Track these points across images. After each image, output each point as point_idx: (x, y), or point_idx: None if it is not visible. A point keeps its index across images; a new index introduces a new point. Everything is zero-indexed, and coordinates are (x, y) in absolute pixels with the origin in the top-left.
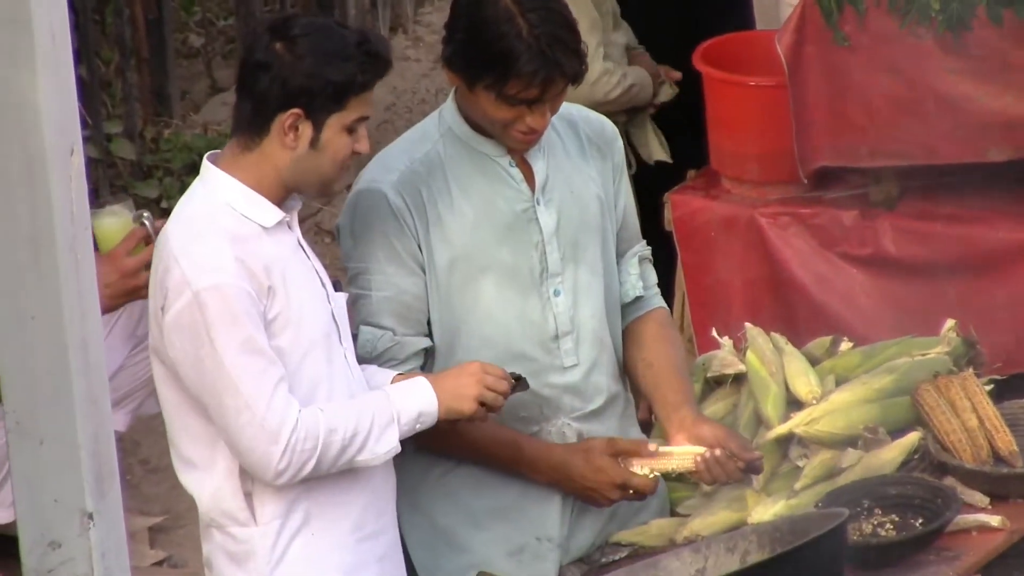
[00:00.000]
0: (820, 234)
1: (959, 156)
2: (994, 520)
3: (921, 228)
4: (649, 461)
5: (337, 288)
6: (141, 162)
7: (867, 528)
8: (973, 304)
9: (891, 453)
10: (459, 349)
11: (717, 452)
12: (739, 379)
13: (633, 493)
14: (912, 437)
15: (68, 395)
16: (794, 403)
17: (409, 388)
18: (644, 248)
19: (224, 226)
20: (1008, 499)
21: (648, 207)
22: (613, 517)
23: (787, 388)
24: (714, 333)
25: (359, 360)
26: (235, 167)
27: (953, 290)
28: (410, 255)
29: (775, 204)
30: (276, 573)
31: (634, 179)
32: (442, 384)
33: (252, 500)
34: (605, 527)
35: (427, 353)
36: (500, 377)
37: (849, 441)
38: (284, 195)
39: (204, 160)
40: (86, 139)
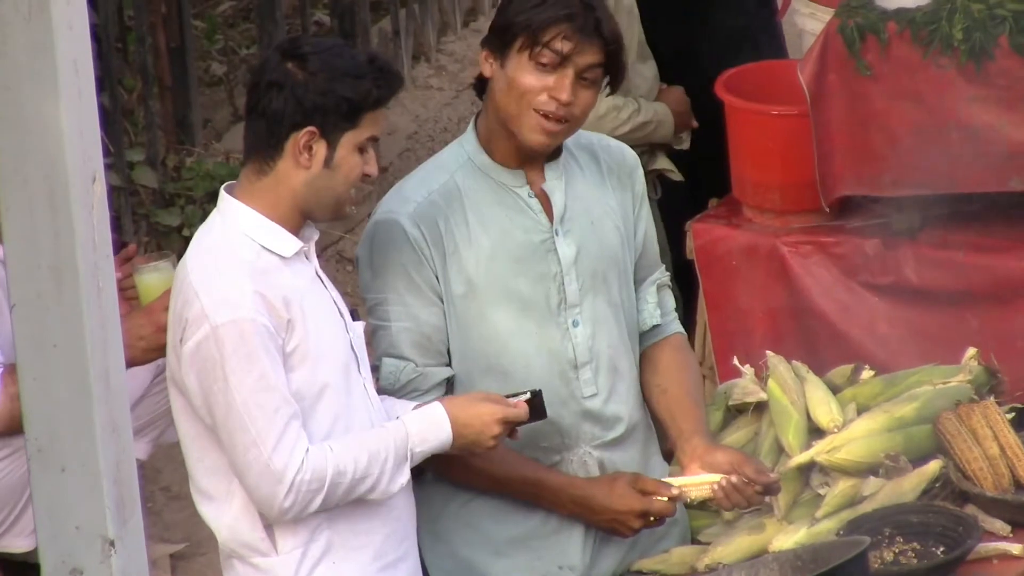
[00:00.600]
0: (842, 263)
1: (981, 185)
2: (1015, 548)
3: (943, 257)
4: (694, 483)
5: (355, 317)
6: (163, 190)
7: (888, 556)
8: (994, 332)
9: (912, 481)
10: (478, 379)
11: (733, 479)
12: (760, 407)
13: (654, 520)
14: (933, 465)
15: (90, 422)
16: (815, 431)
17: (429, 431)
18: (663, 274)
19: (244, 259)
20: None
21: (673, 234)
22: (635, 545)
23: (808, 416)
24: (735, 361)
25: (381, 392)
26: (251, 195)
27: (974, 318)
28: (428, 286)
29: (797, 233)
30: None
31: (659, 204)
32: (461, 429)
33: (273, 530)
34: (627, 555)
35: (448, 382)
36: (515, 420)
37: (870, 469)
38: (300, 222)
39: (221, 190)
40: (108, 167)
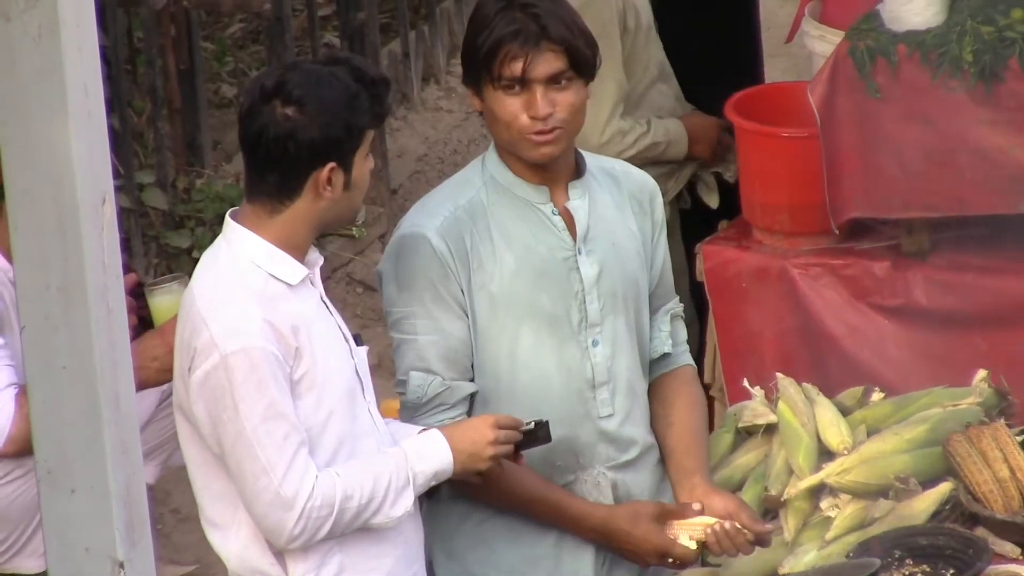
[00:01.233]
0: (852, 285)
1: (991, 208)
2: None
3: (953, 279)
4: (688, 524)
5: (358, 342)
6: (173, 212)
7: None
8: (1004, 355)
9: (923, 503)
10: (498, 395)
11: (727, 524)
12: (770, 429)
13: (673, 561)
14: (943, 487)
15: (100, 444)
16: (825, 453)
17: (426, 448)
18: (677, 305)
19: (252, 287)
20: None
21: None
22: (646, 567)
23: (818, 438)
24: (745, 383)
25: (409, 405)
26: (260, 226)
27: (984, 341)
28: (454, 299)
29: (807, 255)
30: None
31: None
32: (458, 444)
33: (283, 556)
34: None
35: (471, 398)
36: (512, 427)
37: (880, 491)
38: (309, 245)
39: (227, 217)
40: (118, 189)
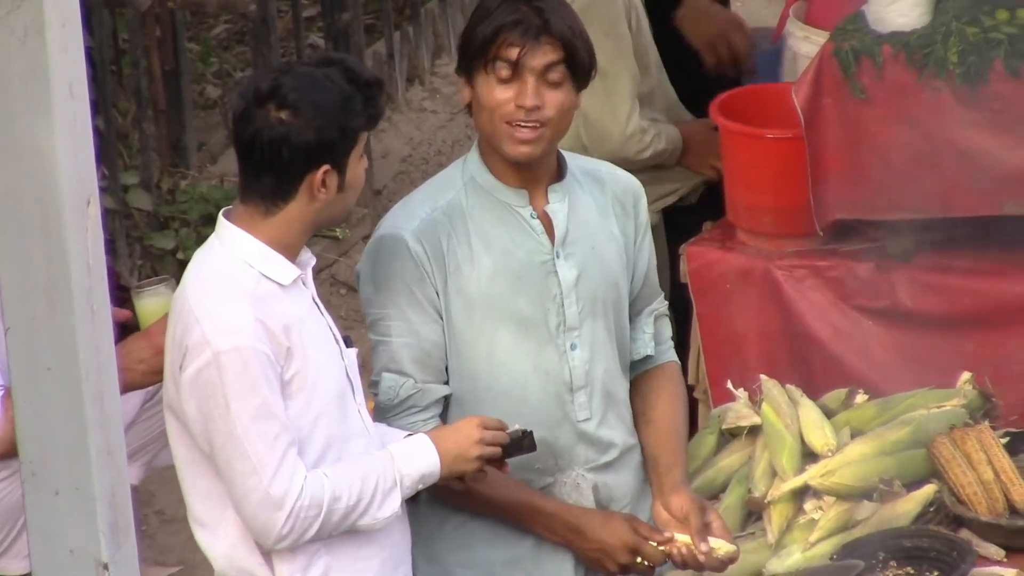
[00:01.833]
0: (836, 286)
1: (976, 209)
2: (1009, 573)
3: (937, 281)
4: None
5: (348, 344)
6: (158, 213)
7: None
8: (989, 357)
9: (906, 505)
10: (475, 398)
11: (684, 550)
12: (754, 431)
13: (641, 561)
14: (928, 489)
15: (84, 446)
16: (809, 455)
17: (413, 450)
18: (661, 304)
19: (245, 286)
20: None
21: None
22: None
23: (802, 440)
24: (729, 385)
25: (381, 407)
26: (254, 226)
27: (969, 343)
28: (430, 302)
29: (791, 256)
30: None
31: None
32: (444, 444)
33: (271, 556)
34: None
35: (445, 400)
36: (498, 429)
37: (864, 493)
38: (302, 245)
39: (220, 216)
40: (102, 190)
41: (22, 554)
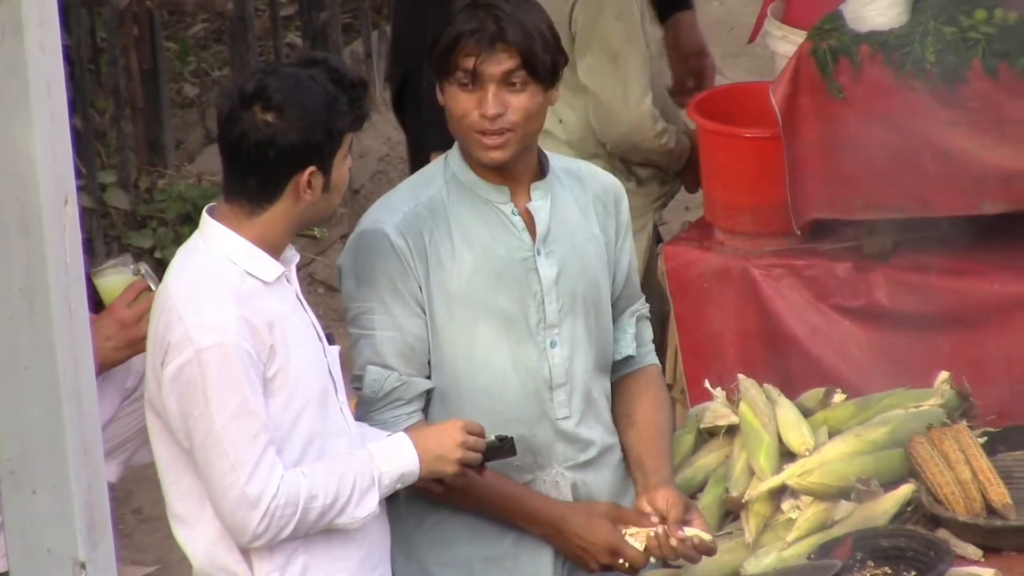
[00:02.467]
0: (814, 286)
1: (954, 209)
2: (987, 573)
3: (915, 280)
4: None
5: (331, 341)
6: (135, 212)
7: None
8: (967, 356)
9: (884, 505)
10: (456, 394)
11: (660, 531)
12: (732, 431)
13: (622, 562)
14: (905, 489)
15: (61, 445)
16: (787, 455)
17: (392, 449)
18: (643, 305)
19: (229, 283)
20: (1001, 551)
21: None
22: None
23: (780, 440)
24: (707, 384)
25: (365, 400)
26: (238, 224)
27: (947, 342)
28: (412, 296)
29: (769, 256)
30: None
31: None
32: (424, 445)
33: (249, 554)
34: None
35: (427, 395)
36: (480, 435)
37: (842, 493)
38: (287, 244)
39: (203, 213)
40: (80, 189)
41: (0, 552)
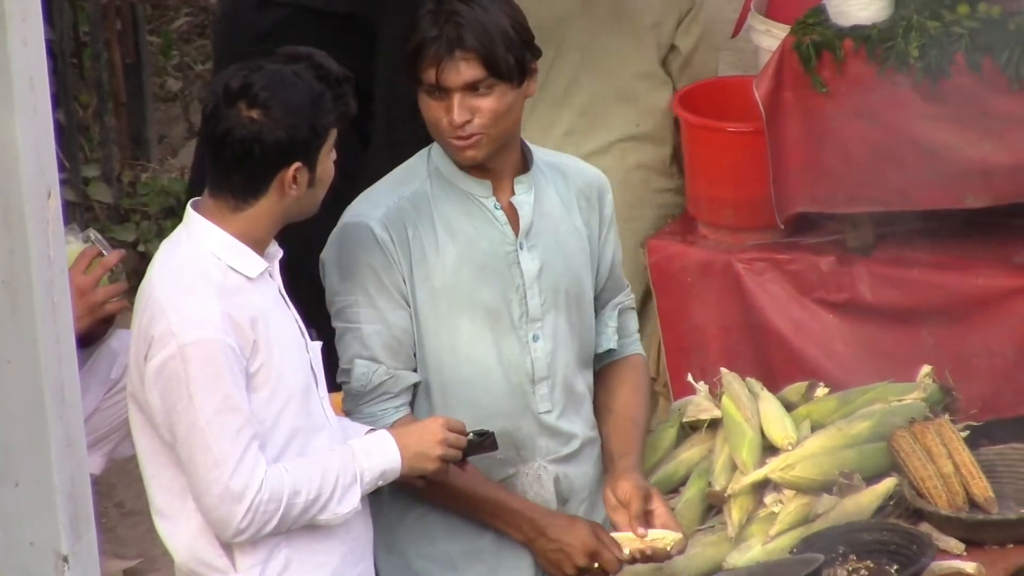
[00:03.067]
0: (796, 280)
1: (936, 203)
2: (969, 567)
3: (898, 274)
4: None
5: (312, 337)
6: (118, 206)
7: (842, 574)
8: (949, 350)
9: (866, 499)
10: (440, 387)
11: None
12: (714, 424)
13: (598, 567)
14: (887, 483)
15: (44, 438)
16: (769, 449)
17: (374, 446)
18: (627, 297)
19: (212, 278)
20: (983, 545)
21: None
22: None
23: (763, 434)
24: (690, 378)
25: (353, 393)
26: (223, 219)
27: (929, 336)
28: (397, 289)
29: (752, 250)
30: None
31: None
32: (405, 442)
33: (231, 548)
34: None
35: (414, 389)
36: (461, 433)
37: (824, 487)
38: (271, 239)
39: (188, 207)
40: (63, 182)
41: None
